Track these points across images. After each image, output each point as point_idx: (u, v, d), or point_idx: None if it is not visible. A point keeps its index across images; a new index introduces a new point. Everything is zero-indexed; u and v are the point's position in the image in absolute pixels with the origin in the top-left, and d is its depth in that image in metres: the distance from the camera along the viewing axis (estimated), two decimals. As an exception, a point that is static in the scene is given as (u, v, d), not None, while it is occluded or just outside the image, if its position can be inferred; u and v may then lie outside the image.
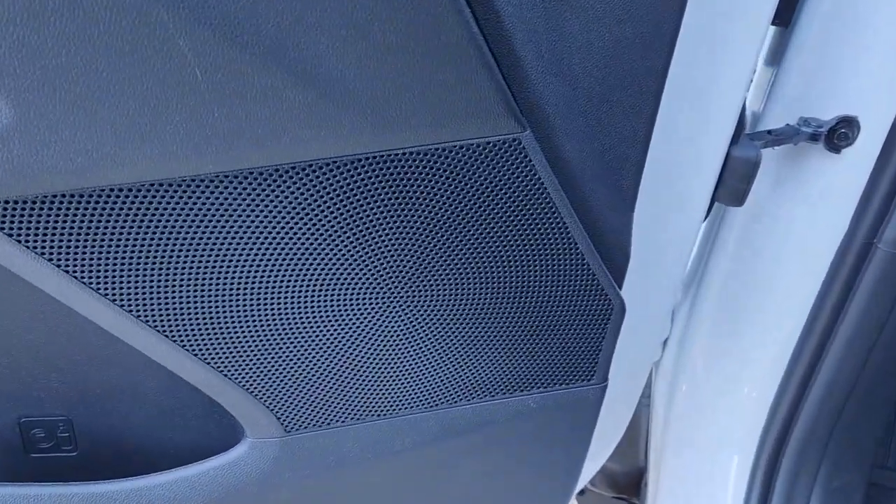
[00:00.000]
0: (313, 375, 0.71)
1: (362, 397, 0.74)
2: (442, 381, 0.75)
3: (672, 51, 0.64)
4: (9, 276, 0.65)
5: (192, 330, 0.64)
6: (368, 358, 0.71)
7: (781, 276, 0.95)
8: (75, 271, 0.59)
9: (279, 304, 0.65)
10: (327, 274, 0.64)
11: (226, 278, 0.62)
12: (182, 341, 0.65)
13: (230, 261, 0.61)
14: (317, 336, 0.68)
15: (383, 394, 0.74)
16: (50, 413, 0.81)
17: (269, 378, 0.70)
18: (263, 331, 0.66)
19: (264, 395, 0.71)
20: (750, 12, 0.74)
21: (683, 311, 1.09)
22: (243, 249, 0.61)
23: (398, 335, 0.70)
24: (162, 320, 0.63)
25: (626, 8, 0.60)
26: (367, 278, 0.65)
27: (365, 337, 0.69)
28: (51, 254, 0.57)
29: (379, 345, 0.70)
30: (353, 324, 0.68)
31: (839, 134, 0.81)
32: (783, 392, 1.01)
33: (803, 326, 0.97)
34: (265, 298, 0.64)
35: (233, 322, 0.65)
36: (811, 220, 0.90)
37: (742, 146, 0.81)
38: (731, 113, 0.78)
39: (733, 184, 0.81)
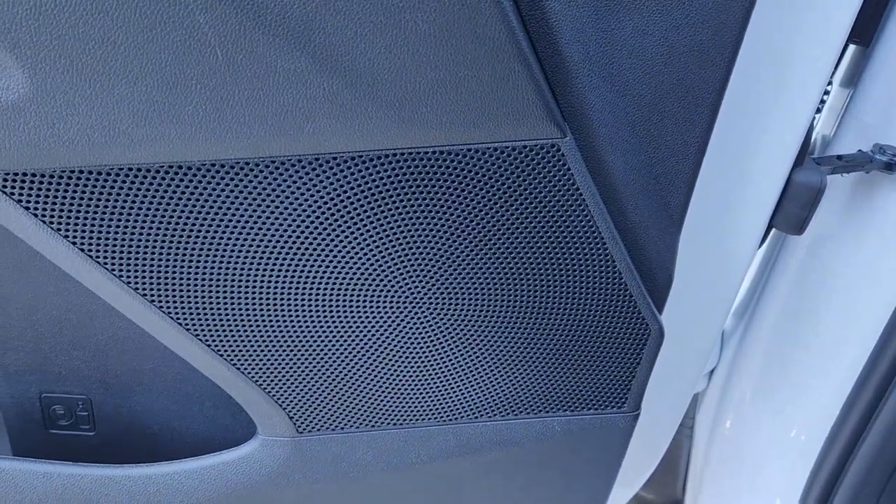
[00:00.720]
0: (329, 377, 0.68)
1: (379, 404, 0.71)
2: (462, 394, 0.71)
3: (733, 62, 0.59)
4: (34, 251, 0.65)
5: (204, 319, 0.62)
6: (387, 363, 0.68)
7: (844, 311, 0.89)
8: (89, 249, 0.57)
9: (295, 300, 0.62)
10: (347, 273, 0.61)
11: (240, 270, 0.60)
12: (194, 330, 0.63)
13: (246, 252, 0.59)
14: (333, 336, 0.65)
15: (401, 402, 0.71)
16: (70, 391, 0.81)
17: (283, 376, 0.67)
18: (278, 326, 0.64)
19: (277, 392, 0.68)
20: (824, 27, 0.69)
21: (734, 342, 1.04)
22: (261, 241, 0.59)
23: (419, 341, 0.67)
24: (173, 306, 0.61)
25: (684, 12, 0.56)
26: (389, 280, 0.62)
27: (384, 341, 0.66)
28: (66, 230, 0.56)
29: (398, 350, 0.67)
30: (373, 326, 0.65)
31: (917, 165, 0.75)
32: (834, 437, 0.94)
33: (863, 366, 0.90)
34: (281, 293, 0.62)
35: (247, 315, 0.63)
36: (882, 253, 0.84)
37: (806, 170, 0.75)
38: (796, 134, 0.73)
39: (793, 210, 0.76)
